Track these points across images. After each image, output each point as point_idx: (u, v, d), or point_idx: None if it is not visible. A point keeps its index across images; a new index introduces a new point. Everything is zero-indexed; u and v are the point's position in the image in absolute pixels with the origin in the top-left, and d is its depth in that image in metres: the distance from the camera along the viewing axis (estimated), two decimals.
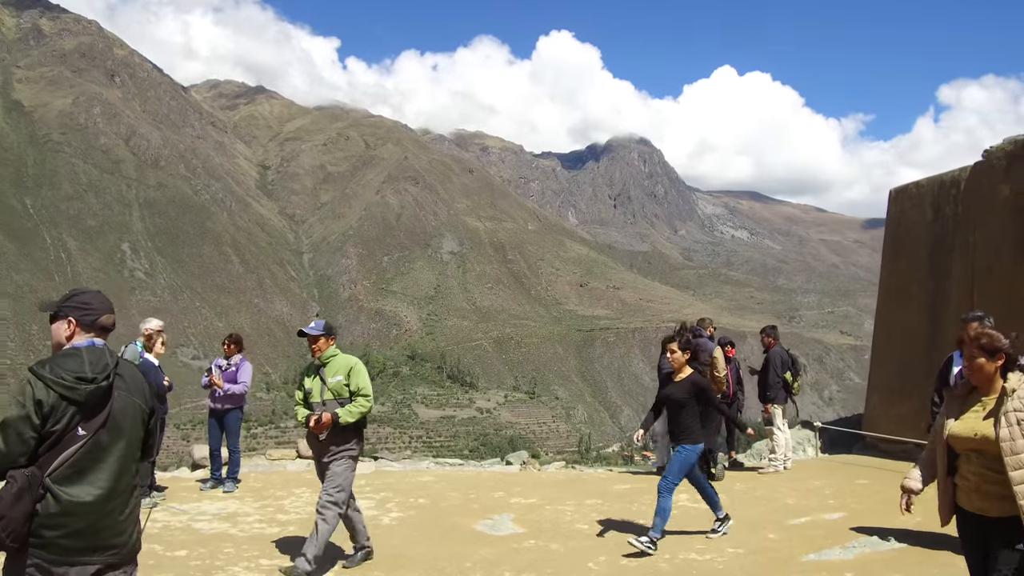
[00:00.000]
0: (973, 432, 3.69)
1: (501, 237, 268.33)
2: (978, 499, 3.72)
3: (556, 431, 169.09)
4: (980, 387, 3.81)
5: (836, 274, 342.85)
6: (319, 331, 6.34)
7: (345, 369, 6.19)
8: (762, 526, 7.44)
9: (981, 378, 3.76)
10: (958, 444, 3.78)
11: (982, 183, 10.87)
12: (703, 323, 10.87)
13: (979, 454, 3.69)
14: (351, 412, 6.00)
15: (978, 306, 10.74)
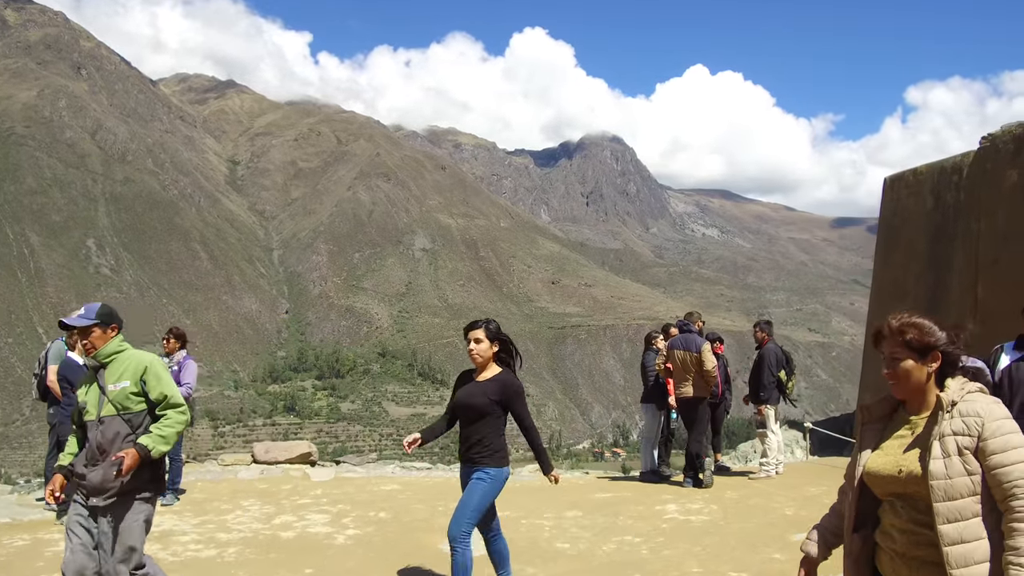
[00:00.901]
0: (896, 468, 2.54)
1: (473, 234, 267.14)
2: (906, 569, 2.55)
3: None
4: (907, 402, 2.65)
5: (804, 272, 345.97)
6: (90, 319, 4.26)
7: (135, 372, 4.25)
8: (763, 543, 6.66)
9: (908, 388, 2.61)
10: (877, 486, 2.61)
11: (987, 169, 10.22)
12: (691, 317, 10.10)
13: (906, 501, 2.53)
14: (162, 437, 4.16)
15: (983, 301, 10.09)
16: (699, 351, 9.32)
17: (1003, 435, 2.40)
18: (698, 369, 9.33)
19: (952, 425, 2.46)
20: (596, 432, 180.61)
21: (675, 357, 9.47)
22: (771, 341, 10.18)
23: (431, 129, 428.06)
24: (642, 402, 10.34)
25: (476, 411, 5.00)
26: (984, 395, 2.51)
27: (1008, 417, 2.43)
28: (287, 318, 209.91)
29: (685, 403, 9.48)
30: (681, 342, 9.52)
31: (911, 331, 2.57)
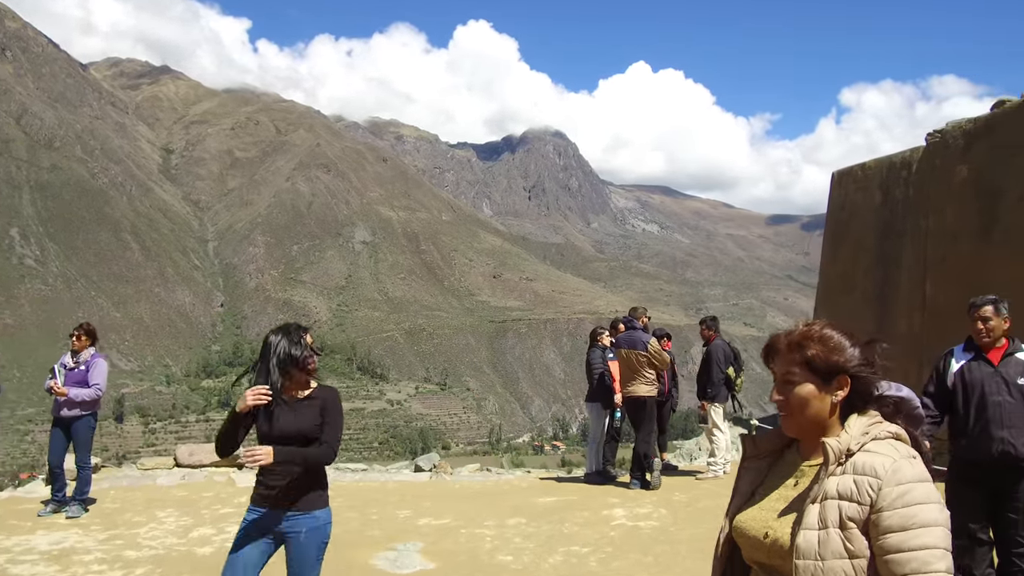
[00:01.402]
0: (764, 530, 1.89)
1: (415, 227, 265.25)
2: None
3: (467, 422, 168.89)
4: (801, 440, 1.94)
5: (741, 268, 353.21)
6: None
7: None
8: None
9: (802, 423, 1.89)
10: (743, 546, 1.97)
11: (936, 165, 10.08)
12: (636, 313, 9.71)
13: (770, 573, 1.89)
14: None
15: (932, 298, 9.97)
16: (646, 348, 8.96)
17: (907, 507, 1.70)
18: (649, 366, 8.99)
19: (840, 485, 1.77)
20: (536, 426, 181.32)
21: (622, 355, 9.11)
22: (718, 338, 9.92)
23: (373, 120, 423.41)
24: (587, 401, 9.95)
25: (304, 440, 3.69)
26: (896, 445, 1.81)
27: (922, 480, 1.74)
28: (222, 311, 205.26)
29: (632, 402, 9.13)
30: (626, 339, 9.16)
31: (813, 346, 1.87)
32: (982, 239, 9.28)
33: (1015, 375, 4.72)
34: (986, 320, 4.76)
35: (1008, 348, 4.84)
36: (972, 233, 9.41)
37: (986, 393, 4.70)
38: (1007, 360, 4.78)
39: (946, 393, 4.90)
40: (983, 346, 4.86)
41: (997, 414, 4.64)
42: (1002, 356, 4.79)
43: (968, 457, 4.79)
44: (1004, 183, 9.11)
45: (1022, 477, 4.74)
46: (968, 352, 4.92)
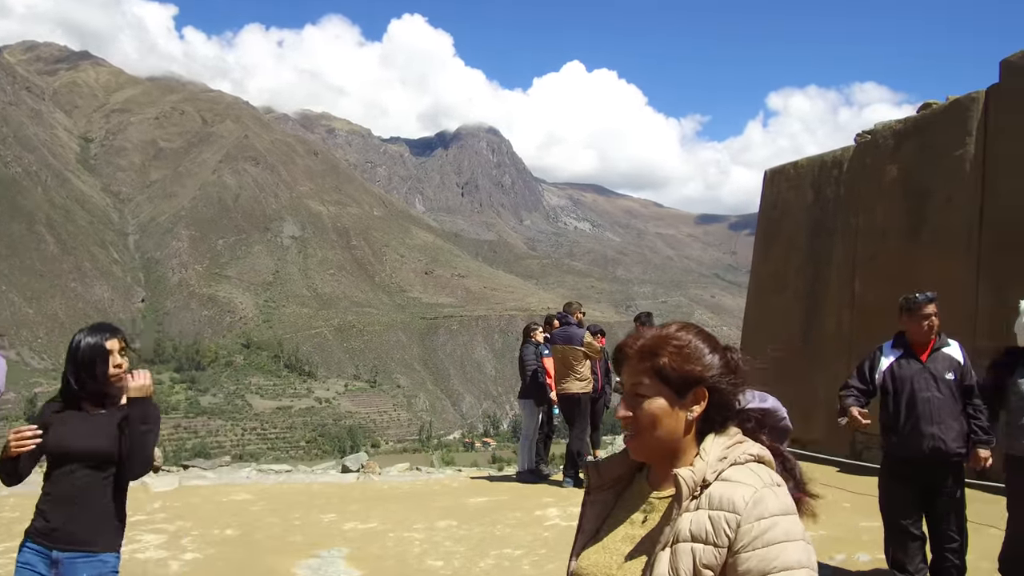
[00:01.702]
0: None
1: (345, 222, 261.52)
2: None
3: (397, 420, 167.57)
4: (651, 465, 1.65)
5: (670, 266, 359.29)
6: None
7: None
8: None
9: (653, 445, 1.59)
10: None
11: (867, 164, 10.19)
12: (570, 308, 9.53)
13: None
14: None
15: (861, 296, 10.07)
16: (581, 344, 8.81)
17: (768, 547, 1.43)
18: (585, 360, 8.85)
19: (693, 524, 1.47)
20: (467, 422, 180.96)
21: (555, 351, 8.93)
22: None
23: (304, 113, 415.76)
24: (520, 398, 9.74)
25: (99, 458, 3.10)
26: (759, 470, 1.53)
27: (787, 513, 1.47)
28: (143, 307, 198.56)
29: (566, 399, 8.96)
30: (561, 335, 8.98)
31: (666, 352, 1.58)
32: (910, 238, 9.40)
33: (943, 370, 4.75)
34: (931, 317, 4.77)
35: (935, 344, 4.85)
36: (901, 232, 9.53)
37: (916, 390, 4.71)
38: (935, 356, 4.81)
39: (869, 387, 4.91)
40: (922, 343, 4.83)
41: (927, 410, 4.66)
42: (930, 352, 4.81)
43: (900, 454, 4.79)
44: (932, 183, 9.24)
45: (953, 472, 4.78)
46: (897, 349, 4.91)
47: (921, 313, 4.75)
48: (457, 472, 14.08)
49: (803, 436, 10.58)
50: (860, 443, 9.71)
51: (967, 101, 9.01)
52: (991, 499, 6.58)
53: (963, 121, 8.97)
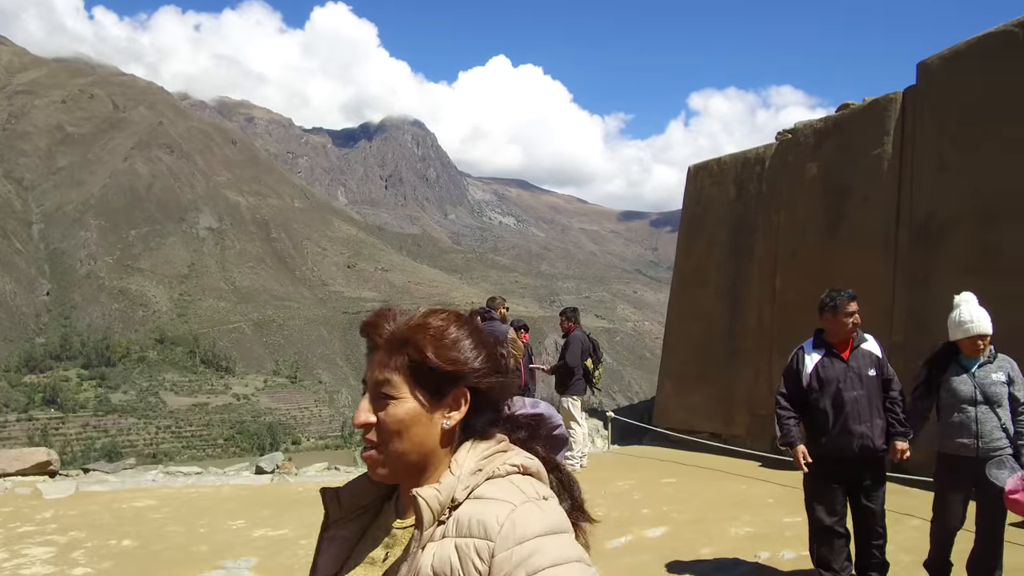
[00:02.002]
0: None
1: (265, 214, 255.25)
2: None
3: (319, 416, 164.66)
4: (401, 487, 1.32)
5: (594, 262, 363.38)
6: None
7: None
8: None
9: (398, 459, 1.25)
10: None
11: (788, 161, 10.29)
12: (493, 303, 9.32)
13: None
14: None
15: (781, 292, 10.15)
16: (504, 340, 8.62)
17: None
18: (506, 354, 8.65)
19: (437, 556, 1.17)
20: None
21: None
22: (578, 329, 9.70)
23: (221, 100, 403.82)
24: None
25: None
26: (520, 483, 1.23)
27: (555, 532, 1.16)
28: (48, 300, 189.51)
29: None
30: None
31: (423, 341, 1.28)
32: (830, 235, 9.51)
33: (865, 367, 4.73)
34: (853, 315, 4.73)
35: (854, 340, 4.82)
36: (820, 229, 9.64)
37: (842, 389, 4.68)
38: (856, 353, 4.78)
39: (803, 392, 4.82)
40: (843, 341, 4.80)
41: (855, 410, 4.65)
42: (850, 349, 4.78)
43: (831, 455, 4.73)
44: (851, 182, 9.36)
45: (880, 469, 4.79)
46: (818, 348, 4.85)
47: (844, 311, 4.71)
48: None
49: (724, 431, 10.65)
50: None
51: (885, 102, 9.15)
52: (905, 491, 6.67)
53: (881, 121, 9.11)
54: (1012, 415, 4.52)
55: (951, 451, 4.58)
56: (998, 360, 4.60)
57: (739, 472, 8.91)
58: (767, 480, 8.30)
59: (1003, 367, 4.57)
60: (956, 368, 4.65)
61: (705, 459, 9.86)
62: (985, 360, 4.58)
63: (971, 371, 4.57)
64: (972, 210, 7.98)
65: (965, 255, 7.95)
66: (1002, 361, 4.60)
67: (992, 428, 4.46)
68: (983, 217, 7.87)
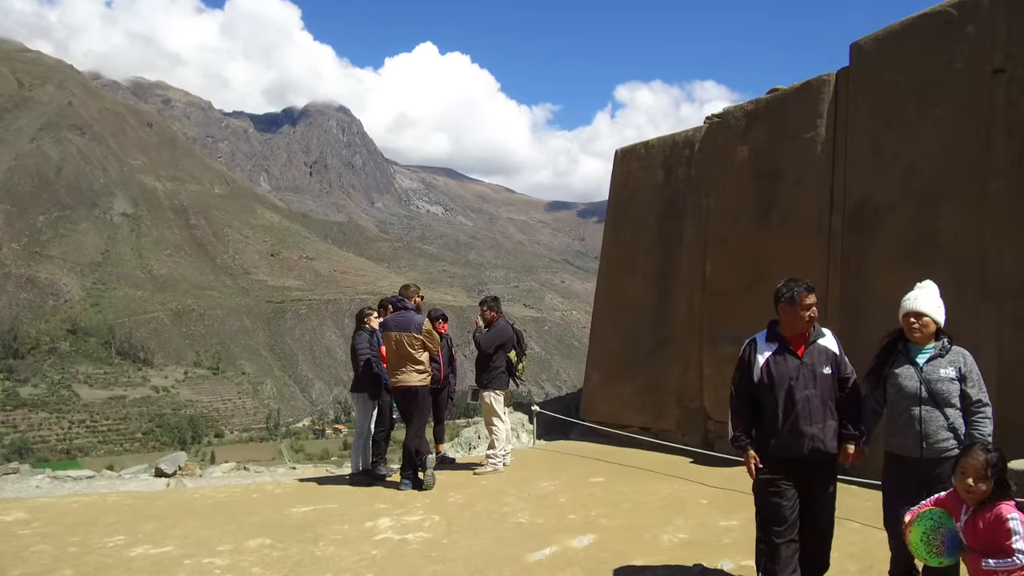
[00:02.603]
0: None
1: (183, 200, 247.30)
2: None
3: (243, 408, 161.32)
4: None
5: (522, 251, 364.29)
6: None
7: None
8: (495, 568, 5.39)
9: None
10: None
11: (718, 144, 9.90)
12: (407, 291, 8.59)
13: None
14: None
15: (711, 279, 9.77)
16: (419, 331, 7.96)
17: None
18: (423, 350, 8.03)
19: None
20: (317, 409, 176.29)
21: (390, 339, 8.04)
22: (501, 319, 9.10)
23: (136, 81, 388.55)
24: (353, 391, 8.78)
25: None
26: None
27: None
28: None
29: (402, 392, 8.09)
30: (396, 321, 8.09)
31: None
32: (761, 220, 9.16)
33: (820, 365, 4.31)
34: (811, 308, 4.30)
35: (810, 335, 4.38)
36: (751, 214, 9.29)
37: (793, 387, 4.26)
38: (811, 349, 4.35)
39: (754, 387, 4.40)
40: (799, 335, 4.37)
41: (806, 409, 4.24)
42: (805, 345, 4.35)
43: (779, 456, 4.29)
44: (783, 165, 9.02)
45: (831, 472, 4.41)
46: (771, 342, 4.41)
47: (802, 304, 4.28)
48: (291, 469, 12.98)
49: (654, 424, 10.25)
50: (712, 432, 9.44)
51: (818, 83, 8.83)
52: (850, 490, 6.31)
53: (814, 103, 8.78)
54: (964, 414, 4.15)
55: (895, 450, 4.29)
56: (950, 354, 4.24)
57: (670, 471, 8.49)
58: (699, 481, 7.89)
59: (955, 362, 4.21)
60: (902, 359, 4.31)
61: (634, 456, 9.43)
62: (936, 353, 4.24)
63: (919, 365, 4.20)
64: (908, 193, 7.70)
65: (901, 240, 7.67)
66: (955, 355, 4.23)
67: (937, 428, 4.13)
68: (919, 200, 7.59)
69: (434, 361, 9.50)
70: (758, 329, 4.52)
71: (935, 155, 7.53)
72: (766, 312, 4.55)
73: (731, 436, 4.52)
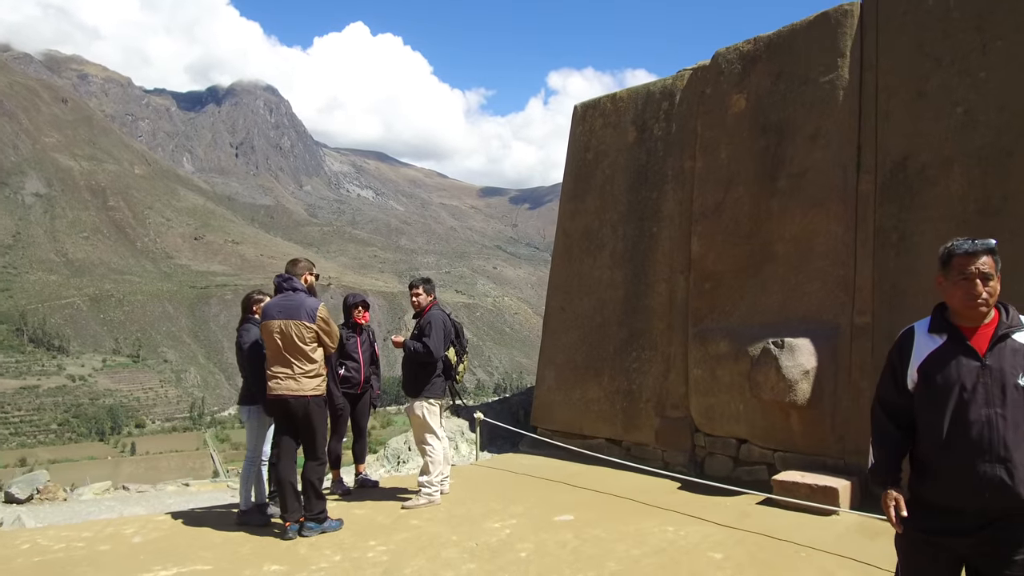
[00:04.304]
0: None
1: (101, 180, 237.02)
2: None
3: (164, 397, 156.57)
4: None
5: (454, 237, 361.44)
6: None
7: None
8: None
9: None
10: None
11: (706, 94, 8.04)
12: (295, 267, 6.36)
13: None
14: None
15: (700, 258, 7.93)
16: (313, 319, 5.87)
17: None
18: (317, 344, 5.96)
19: None
20: None
21: (271, 331, 5.90)
22: (437, 307, 7.02)
23: (50, 54, 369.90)
24: (242, 403, 6.66)
25: None
26: None
27: None
28: None
29: (284, 406, 5.97)
30: (280, 307, 5.96)
31: None
32: (764, 185, 7.36)
33: (1014, 371, 2.75)
34: (986, 278, 2.77)
35: (1000, 323, 2.82)
36: (751, 178, 7.48)
37: (968, 403, 2.74)
38: (1001, 347, 2.78)
39: (906, 397, 2.90)
40: (974, 322, 2.83)
41: (986, 436, 2.71)
42: (991, 340, 2.79)
43: (940, 502, 2.80)
44: (793, 117, 7.24)
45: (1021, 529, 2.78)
46: (937, 333, 2.86)
47: (969, 269, 2.76)
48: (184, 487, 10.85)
49: (626, 436, 8.42)
50: (703, 449, 7.62)
51: (838, 15, 7.05)
52: None
53: (833, 39, 7.01)
54: None
55: None
56: None
57: (655, 501, 6.64)
58: (698, 516, 6.06)
59: None
60: None
61: (605, 478, 7.56)
62: None
63: None
64: (966, 149, 5.99)
65: (958, 208, 5.96)
66: None
67: None
68: (983, 158, 5.89)
69: (351, 359, 7.48)
70: (759, 320, 3.06)
71: (1004, 100, 5.85)
72: (772, 299, 3.01)
73: (869, 466, 2.92)
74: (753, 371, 6.74)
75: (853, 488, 6.04)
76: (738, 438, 7.31)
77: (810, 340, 6.56)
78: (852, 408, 6.41)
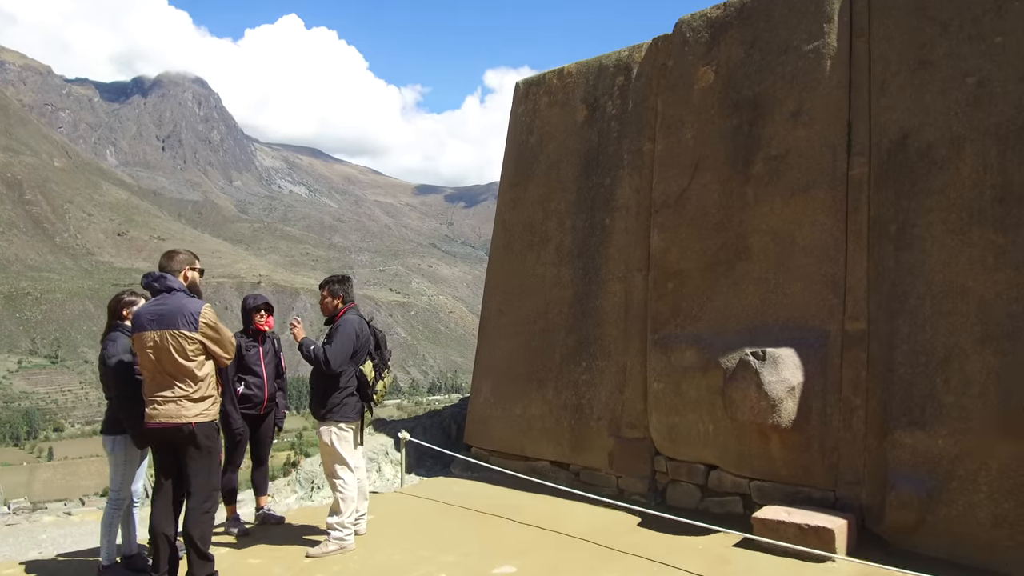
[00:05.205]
0: None
1: (17, 172, 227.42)
2: None
3: (85, 399, 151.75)
4: None
5: (388, 234, 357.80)
6: None
7: None
8: None
9: None
10: None
11: (668, 67, 7.01)
12: (172, 261, 4.97)
13: None
14: None
15: (662, 253, 6.89)
16: (195, 326, 4.56)
17: None
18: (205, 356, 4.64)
19: None
20: None
21: (144, 344, 4.57)
22: (352, 311, 5.80)
23: None
24: (105, 433, 5.30)
25: None
26: None
27: None
28: None
29: (164, 437, 4.63)
30: (152, 315, 4.61)
31: None
32: (737, 170, 6.36)
33: None
34: None
35: None
36: (722, 161, 6.47)
37: None
38: None
39: None
40: None
41: None
42: None
43: None
44: (771, 91, 6.26)
45: None
46: None
47: None
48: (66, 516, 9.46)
49: (574, 458, 7.34)
50: (665, 475, 6.57)
51: None
52: None
53: (817, 2, 6.05)
54: None
55: None
56: None
57: (614, 542, 5.56)
58: (668, 564, 5.00)
59: None
60: None
61: (552, 510, 6.46)
62: None
63: None
64: (979, 126, 5.08)
65: (971, 195, 5.05)
66: None
67: None
68: (1000, 136, 4.98)
69: (253, 374, 6.23)
70: (732, 326, 3.14)
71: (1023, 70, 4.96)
72: (747, 302, 3.04)
73: None
74: (728, 387, 5.73)
75: (849, 528, 5.05)
76: (707, 464, 6.28)
77: (795, 351, 5.58)
78: (844, 431, 5.44)
